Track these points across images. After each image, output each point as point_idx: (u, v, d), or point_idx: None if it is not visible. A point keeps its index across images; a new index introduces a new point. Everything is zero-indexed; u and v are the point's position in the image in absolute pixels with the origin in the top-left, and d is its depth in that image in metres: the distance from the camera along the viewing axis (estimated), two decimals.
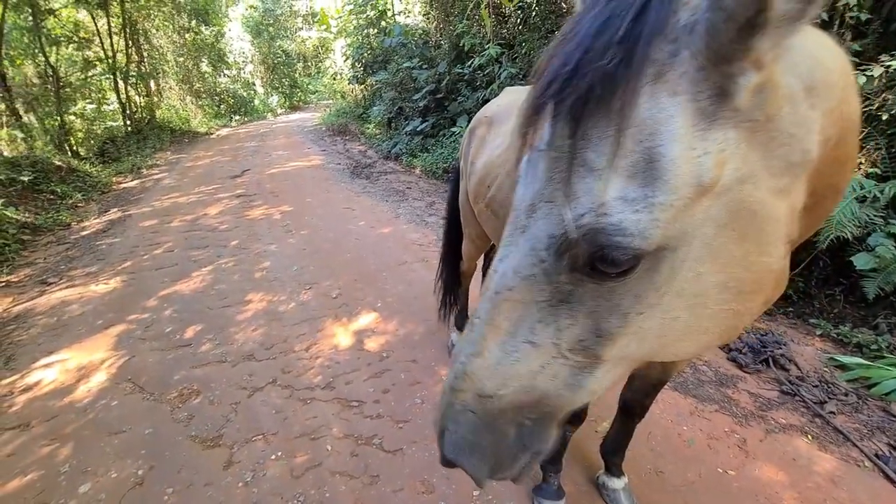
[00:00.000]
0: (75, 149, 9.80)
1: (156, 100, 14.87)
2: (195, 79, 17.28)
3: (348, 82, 13.20)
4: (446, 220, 2.63)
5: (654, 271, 0.50)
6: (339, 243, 4.58)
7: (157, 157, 10.60)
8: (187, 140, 13.14)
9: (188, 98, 16.93)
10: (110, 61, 11.61)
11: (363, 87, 12.09)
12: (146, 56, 14.27)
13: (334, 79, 17.33)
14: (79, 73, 11.52)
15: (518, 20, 6.98)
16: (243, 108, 18.73)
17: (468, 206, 2.05)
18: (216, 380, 2.65)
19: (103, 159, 9.82)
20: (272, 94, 21.50)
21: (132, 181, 8.41)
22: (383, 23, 10.82)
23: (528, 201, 0.55)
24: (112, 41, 11.77)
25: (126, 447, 2.20)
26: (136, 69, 13.19)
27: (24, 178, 6.37)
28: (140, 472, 2.05)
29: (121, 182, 8.37)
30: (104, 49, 11.66)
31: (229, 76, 19.78)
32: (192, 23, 15.99)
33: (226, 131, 15.04)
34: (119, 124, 12.15)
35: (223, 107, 18.23)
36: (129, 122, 12.15)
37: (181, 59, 16.36)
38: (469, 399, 0.60)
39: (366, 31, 11.31)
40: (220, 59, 18.39)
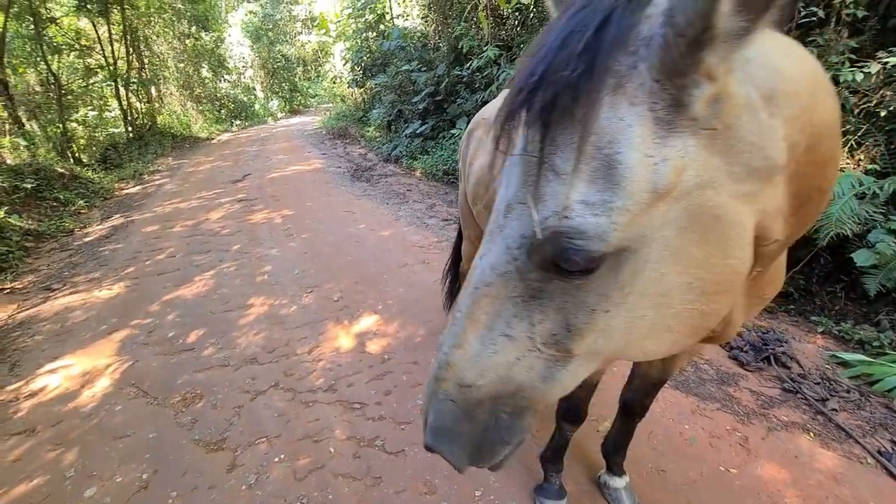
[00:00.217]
0: (77, 156, 9.85)
1: (157, 106, 14.93)
2: (196, 84, 17.35)
3: (348, 86, 13.22)
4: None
5: (617, 271, 0.52)
6: (340, 246, 4.60)
7: (158, 162, 10.65)
8: (188, 145, 13.21)
9: (189, 103, 17.00)
10: (111, 68, 11.68)
11: (363, 90, 12.12)
12: (147, 62, 14.34)
13: (334, 82, 17.36)
14: (80, 81, 11.59)
15: (516, 22, 7.00)
16: (244, 113, 18.80)
17: (467, 207, 2.06)
18: (219, 384, 2.66)
19: (105, 166, 9.88)
20: (272, 99, 21.56)
21: (134, 187, 8.46)
22: (382, 26, 10.85)
23: (506, 202, 0.58)
24: (113, 48, 11.85)
25: (130, 451, 2.22)
26: (137, 76, 13.26)
27: (28, 186, 6.42)
28: (145, 476, 2.06)
29: (123, 188, 8.42)
30: (105, 56, 11.74)
31: (229, 81, 19.86)
32: (192, 29, 16.08)
33: (226, 136, 15.10)
34: (121, 131, 12.22)
35: (224, 112, 18.30)
36: (130, 129, 12.22)
37: (182, 64, 16.43)
38: (450, 388, 0.63)
39: (365, 35, 11.34)
40: (220, 65, 18.46)
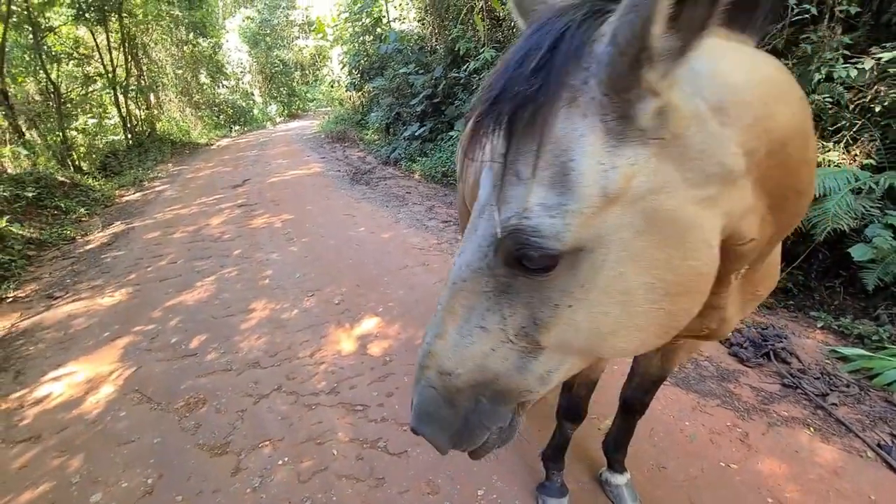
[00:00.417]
0: (78, 163, 9.89)
1: (156, 112, 15.00)
2: (194, 91, 17.43)
3: (346, 89, 13.26)
4: None
5: (576, 269, 0.56)
6: (341, 250, 4.62)
7: (158, 169, 10.69)
8: (188, 151, 13.25)
9: (188, 110, 17.08)
10: (110, 76, 11.74)
11: (361, 93, 12.16)
12: (145, 70, 14.42)
13: (332, 86, 17.42)
14: (79, 89, 11.66)
15: (512, 23, 7.03)
16: (242, 118, 18.86)
17: (465, 208, 2.08)
18: (222, 388, 2.68)
19: (105, 173, 9.93)
20: (271, 104, 21.63)
21: (134, 194, 8.49)
22: (379, 30, 10.90)
23: (479, 205, 0.63)
24: (111, 56, 11.91)
25: (135, 457, 2.23)
26: (136, 83, 13.32)
27: (29, 195, 6.45)
28: (149, 481, 2.08)
29: (123, 195, 8.45)
30: (104, 64, 11.80)
31: (228, 87, 19.95)
32: (190, 35, 16.17)
33: (226, 142, 15.15)
34: (120, 138, 12.27)
35: (222, 117, 18.36)
36: (130, 136, 12.27)
37: (180, 71, 16.52)
38: (432, 375, 0.68)
39: (362, 39, 11.39)
40: (218, 71, 18.55)
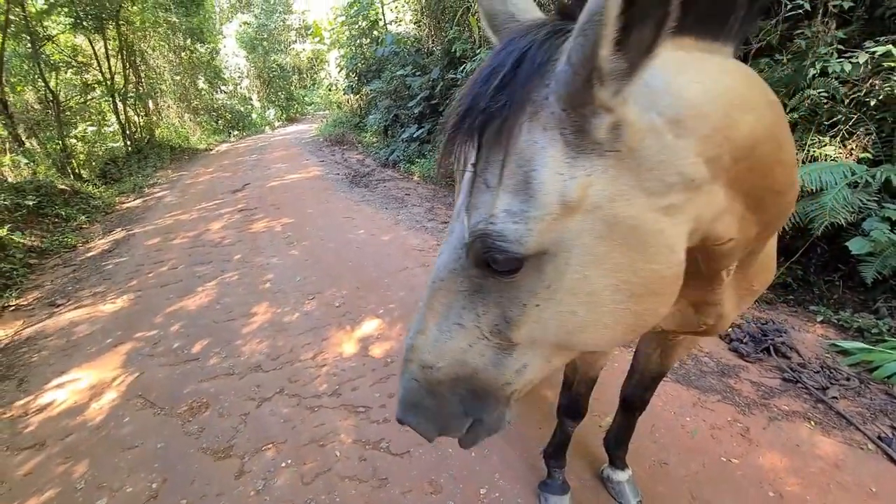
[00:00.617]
0: (78, 171, 9.89)
1: (155, 119, 15.02)
2: (192, 96, 17.44)
3: (343, 92, 13.28)
4: None
5: (540, 271, 0.60)
6: (341, 252, 4.63)
7: (158, 175, 10.71)
8: (187, 157, 13.26)
9: (186, 115, 17.08)
10: (109, 83, 11.76)
11: (358, 96, 12.17)
12: (143, 76, 14.44)
13: (330, 90, 17.42)
14: (78, 97, 11.68)
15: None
16: (241, 123, 18.85)
17: None
18: (225, 392, 2.69)
19: (105, 180, 9.93)
20: (269, 108, 21.62)
21: (134, 200, 8.51)
22: (375, 32, 10.91)
23: (456, 209, 0.67)
24: (110, 64, 11.93)
25: (139, 462, 2.25)
26: (135, 90, 13.34)
27: (29, 203, 6.46)
28: (154, 486, 2.09)
29: (123, 202, 8.47)
30: (102, 72, 11.82)
31: (226, 92, 19.95)
32: (188, 41, 16.18)
33: (225, 146, 15.16)
34: (119, 145, 12.28)
35: (221, 122, 18.36)
36: (129, 143, 12.28)
37: (178, 77, 16.53)
38: (415, 369, 0.72)
39: (358, 42, 11.41)
40: (216, 76, 18.56)
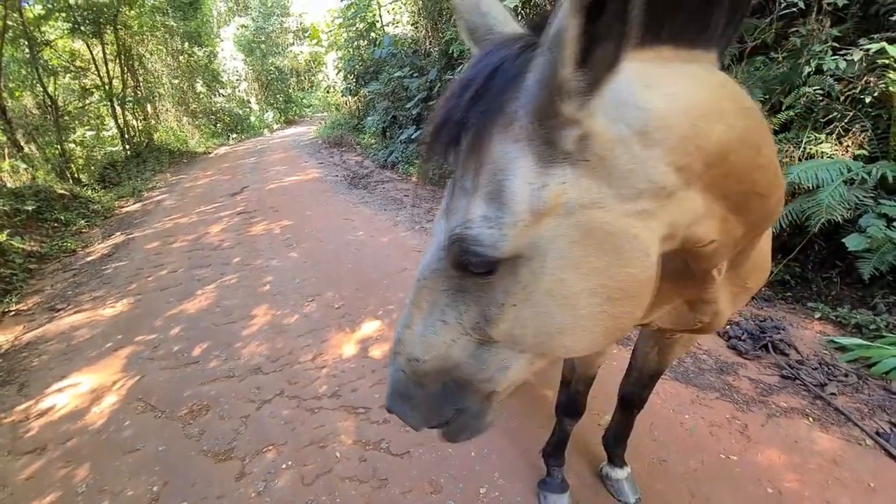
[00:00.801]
0: (76, 176, 9.93)
1: (153, 122, 15.05)
2: (191, 100, 17.48)
3: (341, 94, 13.28)
4: None
5: (516, 273, 0.62)
6: (340, 254, 4.64)
7: (156, 179, 10.72)
8: (186, 160, 13.28)
9: (185, 119, 17.12)
10: (107, 88, 11.80)
11: (356, 98, 12.19)
12: (142, 80, 14.48)
13: (328, 92, 17.42)
14: (77, 102, 11.74)
15: None
16: (239, 126, 18.88)
17: None
18: (225, 395, 2.70)
19: (104, 184, 9.96)
20: (267, 111, 21.65)
21: (134, 204, 8.52)
22: (373, 34, 10.92)
23: (439, 212, 0.72)
24: (108, 68, 11.96)
25: (140, 465, 2.25)
26: (133, 94, 13.38)
27: (29, 208, 6.47)
28: (155, 489, 2.10)
29: (122, 206, 8.48)
30: (100, 76, 11.86)
31: (224, 95, 19.97)
32: (185, 45, 16.21)
33: (223, 150, 15.18)
34: (118, 149, 12.31)
35: (220, 126, 18.39)
36: (127, 147, 12.31)
37: (176, 81, 16.57)
38: (402, 361, 0.75)
39: (356, 44, 11.42)
40: (214, 79, 18.60)
